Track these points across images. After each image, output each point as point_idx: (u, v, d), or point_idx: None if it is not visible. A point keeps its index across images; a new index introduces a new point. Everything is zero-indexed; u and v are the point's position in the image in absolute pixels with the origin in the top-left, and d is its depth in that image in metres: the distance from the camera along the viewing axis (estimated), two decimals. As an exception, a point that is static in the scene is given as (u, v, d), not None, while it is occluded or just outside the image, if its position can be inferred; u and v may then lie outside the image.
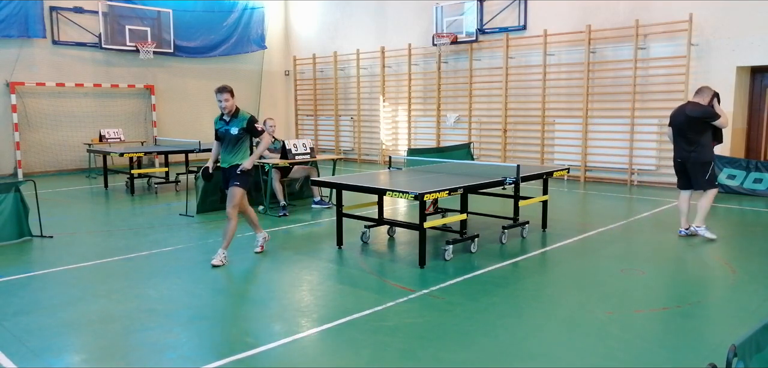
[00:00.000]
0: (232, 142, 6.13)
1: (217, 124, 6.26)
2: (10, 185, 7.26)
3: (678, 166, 7.48)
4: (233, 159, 6.16)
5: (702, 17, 11.09)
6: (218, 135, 6.22)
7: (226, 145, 6.16)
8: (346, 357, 3.97)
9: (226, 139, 6.14)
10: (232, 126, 6.09)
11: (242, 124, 6.10)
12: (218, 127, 6.23)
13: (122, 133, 14.36)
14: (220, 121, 6.21)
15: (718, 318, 4.70)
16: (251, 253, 6.76)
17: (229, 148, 6.16)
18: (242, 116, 6.13)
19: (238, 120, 6.11)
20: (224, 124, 6.14)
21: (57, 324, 4.53)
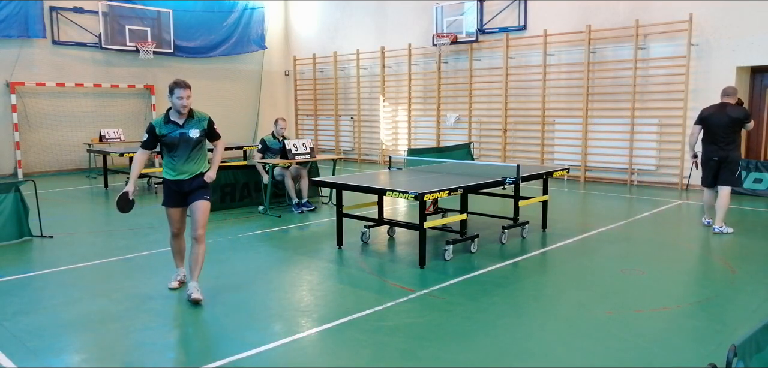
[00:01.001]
0: (190, 147, 5.06)
1: (163, 129, 5.00)
2: (10, 185, 7.26)
3: (714, 164, 7.71)
4: (195, 167, 5.12)
5: (702, 17, 11.09)
6: (166, 141, 5.01)
7: (182, 153, 5.05)
8: (346, 357, 3.97)
9: (180, 145, 5.03)
10: (189, 128, 5.03)
11: (203, 126, 5.10)
12: (167, 131, 4.99)
13: (122, 133, 14.36)
14: (169, 124, 5.00)
15: (718, 318, 4.70)
16: (251, 254, 6.75)
17: (186, 155, 5.06)
18: (200, 116, 5.12)
19: (196, 121, 5.08)
20: (176, 128, 4.99)
21: (57, 324, 4.53)
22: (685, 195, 10.84)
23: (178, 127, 5.01)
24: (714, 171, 7.70)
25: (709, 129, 7.66)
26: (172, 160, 5.06)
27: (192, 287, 5.00)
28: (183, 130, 5.02)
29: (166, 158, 5.10)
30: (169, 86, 4.95)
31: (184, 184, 5.10)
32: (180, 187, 5.09)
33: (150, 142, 5.04)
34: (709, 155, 7.70)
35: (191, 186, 5.11)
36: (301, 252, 6.85)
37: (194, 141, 5.07)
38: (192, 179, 5.11)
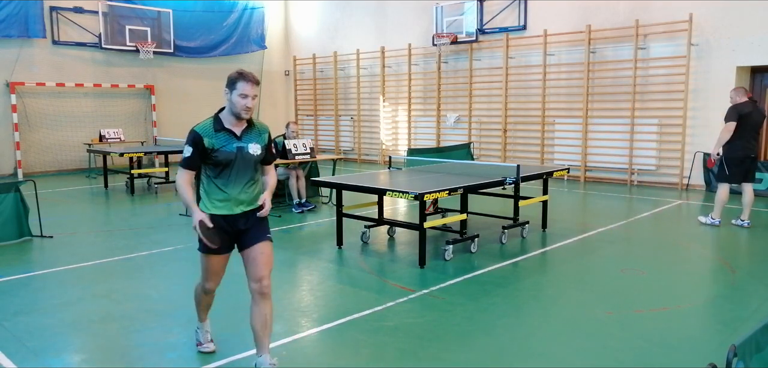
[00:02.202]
0: (250, 169, 3.65)
1: (214, 140, 3.51)
2: (10, 185, 7.26)
3: (749, 162, 7.81)
4: (254, 197, 3.72)
5: (702, 17, 11.09)
6: (218, 158, 3.52)
7: (238, 176, 3.60)
8: (346, 357, 3.97)
9: (237, 164, 3.57)
10: (249, 141, 3.60)
11: (264, 140, 3.70)
12: (219, 143, 3.52)
13: (122, 133, 14.36)
14: (222, 134, 3.53)
15: (718, 318, 4.70)
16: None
17: (245, 180, 3.64)
18: (261, 127, 3.72)
19: (256, 133, 3.65)
20: (233, 139, 3.54)
21: (57, 324, 4.53)
22: (685, 195, 10.84)
23: (235, 139, 3.55)
24: (746, 168, 7.78)
25: (747, 126, 7.64)
26: (223, 186, 3.57)
27: (266, 362, 3.64)
28: (241, 142, 3.56)
29: (209, 183, 3.59)
30: (230, 78, 3.48)
31: (239, 221, 3.65)
32: (233, 225, 3.62)
33: (195, 158, 3.51)
34: (747, 152, 7.73)
35: (247, 224, 3.69)
36: (301, 252, 6.85)
37: (254, 160, 3.65)
38: (249, 213, 3.69)
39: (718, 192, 7.86)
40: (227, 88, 3.52)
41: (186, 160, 3.55)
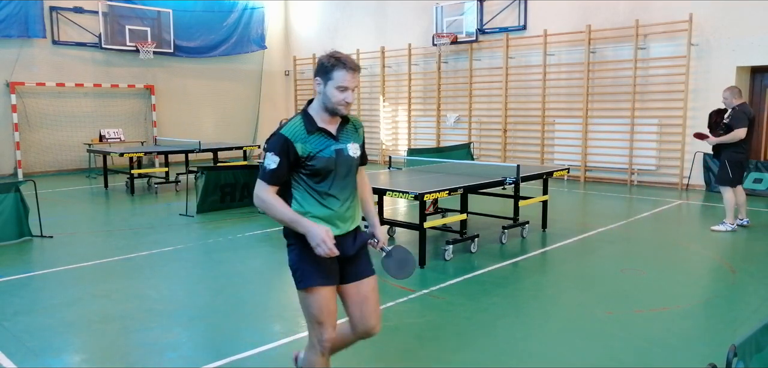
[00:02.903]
0: (351, 174, 2.96)
1: (308, 145, 2.76)
2: (10, 185, 7.26)
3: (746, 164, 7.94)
4: (355, 212, 3.00)
5: (702, 17, 11.08)
6: (316, 166, 2.77)
7: (341, 185, 2.88)
8: (346, 357, 3.97)
9: (339, 171, 2.85)
10: (347, 141, 2.90)
11: (361, 138, 3.06)
12: (315, 147, 2.77)
13: (122, 133, 14.37)
14: (317, 135, 2.79)
15: (718, 318, 4.70)
16: (251, 254, 6.75)
17: (347, 189, 2.93)
18: (356, 122, 3.02)
19: (352, 129, 2.96)
20: (330, 141, 2.81)
21: (57, 324, 4.53)
22: (685, 195, 10.84)
23: (332, 140, 2.82)
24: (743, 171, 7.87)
25: (751, 129, 7.65)
26: (323, 199, 2.82)
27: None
28: (340, 144, 2.85)
29: (304, 196, 2.82)
30: (323, 65, 2.72)
31: (347, 244, 2.89)
32: (341, 248, 2.79)
33: (284, 170, 2.74)
34: (747, 155, 7.78)
35: (354, 248, 2.93)
36: (301, 252, 6.84)
37: (356, 163, 2.98)
38: (355, 234, 2.95)
39: (726, 196, 7.72)
40: (319, 77, 2.73)
41: (270, 173, 2.69)
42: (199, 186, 9.13)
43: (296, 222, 2.71)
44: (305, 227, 2.69)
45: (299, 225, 2.70)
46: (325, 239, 2.64)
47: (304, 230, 2.69)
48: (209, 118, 17.66)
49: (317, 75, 2.76)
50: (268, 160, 2.74)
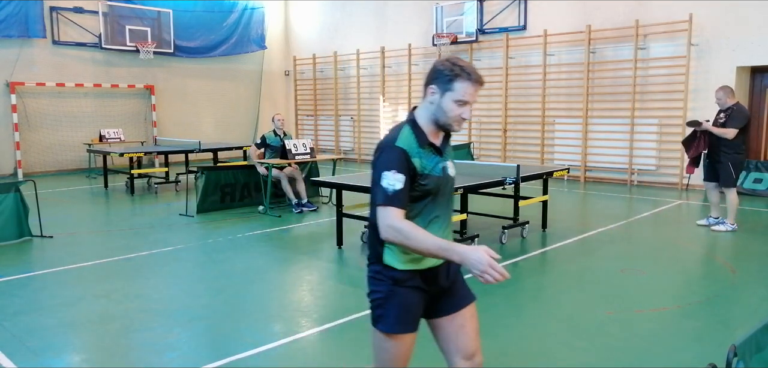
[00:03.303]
0: (452, 196, 2.62)
1: (424, 160, 2.39)
2: (10, 185, 7.26)
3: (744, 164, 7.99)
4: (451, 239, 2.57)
5: (702, 17, 11.08)
6: (427, 187, 2.42)
7: (444, 207, 2.53)
8: (346, 357, 3.97)
9: (443, 192, 2.50)
10: (447, 157, 2.55)
11: (452, 155, 2.65)
12: (430, 166, 2.42)
13: (122, 133, 14.36)
14: (429, 150, 2.41)
15: (718, 318, 4.70)
16: (251, 254, 6.75)
17: (449, 212, 2.59)
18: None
19: (450, 145, 2.60)
20: (437, 158, 2.45)
21: (57, 324, 4.53)
22: (685, 195, 10.84)
23: (439, 156, 2.47)
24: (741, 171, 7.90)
25: (747, 130, 7.61)
26: (429, 225, 2.44)
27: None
28: (444, 160, 2.50)
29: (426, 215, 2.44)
30: (441, 72, 2.33)
31: (441, 276, 2.58)
32: (434, 284, 2.57)
33: (408, 189, 2.34)
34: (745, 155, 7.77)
35: (449, 279, 2.63)
36: (301, 252, 6.85)
37: (454, 184, 2.62)
38: (450, 263, 2.57)
39: (730, 197, 7.63)
40: (436, 85, 2.34)
41: (397, 195, 2.28)
42: (199, 187, 9.13)
43: (449, 250, 2.26)
44: (461, 253, 2.24)
45: (453, 253, 2.25)
46: (492, 263, 2.23)
47: (461, 257, 2.25)
48: (209, 118, 17.66)
49: (433, 83, 2.34)
50: (388, 180, 2.28)
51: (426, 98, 2.40)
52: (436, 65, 2.37)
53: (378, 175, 2.34)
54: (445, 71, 2.32)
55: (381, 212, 2.30)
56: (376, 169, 2.37)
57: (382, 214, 2.30)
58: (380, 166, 2.33)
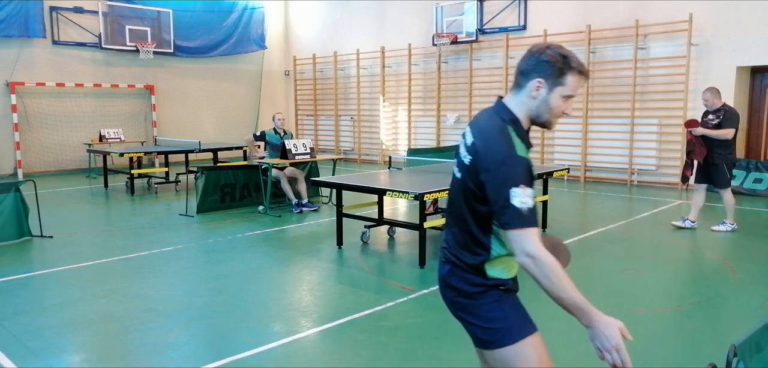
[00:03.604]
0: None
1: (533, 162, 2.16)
2: (10, 185, 7.26)
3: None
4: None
5: (702, 17, 11.08)
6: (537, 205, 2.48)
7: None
8: (346, 357, 3.97)
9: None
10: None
11: None
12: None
13: (122, 133, 14.37)
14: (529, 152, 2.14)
15: (718, 318, 4.70)
16: (251, 254, 6.75)
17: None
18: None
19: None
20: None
21: (57, 324, 4.53)
22: (685, 195, 10.84)
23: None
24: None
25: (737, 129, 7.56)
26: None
27: None
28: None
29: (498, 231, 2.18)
30: (552, 63, 2.06)
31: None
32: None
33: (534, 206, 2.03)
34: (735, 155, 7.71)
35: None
36: (301, 252, 6.85)
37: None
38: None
39: (726, 198, 7.62)
40: (543, 78, 2.07)
41: (530, 216, 2.00)
42: (199, 187, 9.13)
43: (584, 310, 2.07)
44: (596, 320, 2.08)
45: (586, 314, 2.09)
46: (620, 345, 2.09)
47: (593, 323, 2.09)
48: (209, 118, 17.66)
49: (541, 75, 2.07)
50: (520, 198, 1.95)
51: (525, 91, 2.10)
52: (543, 56, 2.07)
53: (507, 194, 1.96)
54: (555, 64, 2.06)
55: (518, 236, 1.99)
56: (501, 183, 1.98)
57: (519, 239, 1.99)
58: (508, 182, 1.97)
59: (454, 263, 2.23)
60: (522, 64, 2.13)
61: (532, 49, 2.12)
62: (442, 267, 2.30)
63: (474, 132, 2.19)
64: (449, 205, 2.33)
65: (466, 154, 2.17)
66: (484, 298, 2.19)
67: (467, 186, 2.14)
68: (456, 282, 2.22)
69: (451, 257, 2.24)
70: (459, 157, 2.24)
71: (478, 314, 2.20)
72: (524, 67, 2.12)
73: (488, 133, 2.11)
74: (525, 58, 2.12)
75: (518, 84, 2.14)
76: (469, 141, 2.19)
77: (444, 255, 2.29)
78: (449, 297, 2.27)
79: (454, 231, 2.24)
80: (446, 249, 2.28)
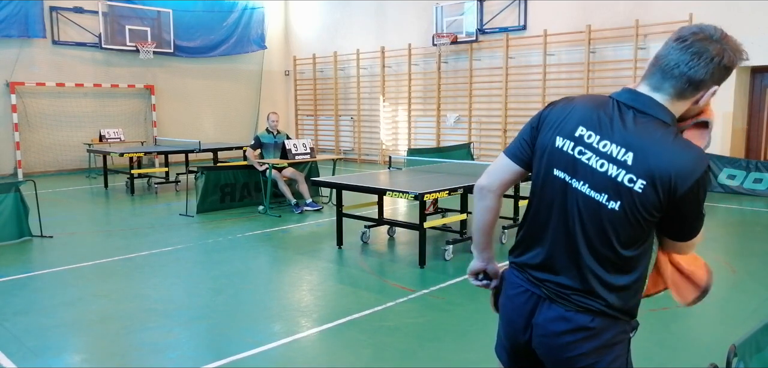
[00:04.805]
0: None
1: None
2: (10, 185, 7.26)
3: None
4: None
5: (702, 17, 11.08)
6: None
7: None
8: (346, 357, 3.97)
9: None
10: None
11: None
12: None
13: (122, 133, 14.37)
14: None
15: (718, 318, 4.70)
16: (251, 254, 6.75)
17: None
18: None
19: None
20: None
21: (57, 324, 4.53)
22: (685, 195, 10.83)
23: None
24: None
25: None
26: None
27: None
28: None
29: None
30: (724, 63, 1.69)
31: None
32: None
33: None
34: None
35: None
36: (301, 252, 6.85)
37: None
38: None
39: None
40: (717, 85, 1.74)
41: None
42: (199, 187, 9.13)
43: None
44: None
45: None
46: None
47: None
48: (209, 118, 17.66)
49: (718, 82, 1.73)
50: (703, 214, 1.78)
51: (701, 97, 1.74)
52: (731, 59, 1.69)
53: (701, 210, 1.74)
54: (732, 66, 1.71)
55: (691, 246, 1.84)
56: (698, 203, 1.71)
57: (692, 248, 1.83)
58: (703, 198, 1.72)
59: (615, 320, 1.81)
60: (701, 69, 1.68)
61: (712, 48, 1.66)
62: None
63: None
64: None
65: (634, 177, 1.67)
66: (624, 348, 1.87)
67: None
68: (615, 340, 1.83)
69: (614, 314, 1.80)
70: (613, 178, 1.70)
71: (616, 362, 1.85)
72: (710, 72, 1.69)
73: (689, 148, 1.70)
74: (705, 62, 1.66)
75: (688, 92, 1.74)
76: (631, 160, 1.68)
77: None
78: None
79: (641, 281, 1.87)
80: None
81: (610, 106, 1.80)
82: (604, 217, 1.70)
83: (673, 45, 1.73)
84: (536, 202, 1.86)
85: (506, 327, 2.02)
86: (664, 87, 1.76)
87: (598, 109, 1.79)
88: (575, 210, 1.74)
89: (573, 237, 1.76)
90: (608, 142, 1.70)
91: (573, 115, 1.79)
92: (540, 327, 1.84)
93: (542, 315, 1.83)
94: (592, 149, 1.72)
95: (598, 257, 1.74)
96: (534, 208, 1.88)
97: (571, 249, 1.77)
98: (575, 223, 1.75)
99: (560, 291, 1.80)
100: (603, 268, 1.74)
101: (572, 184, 1.74)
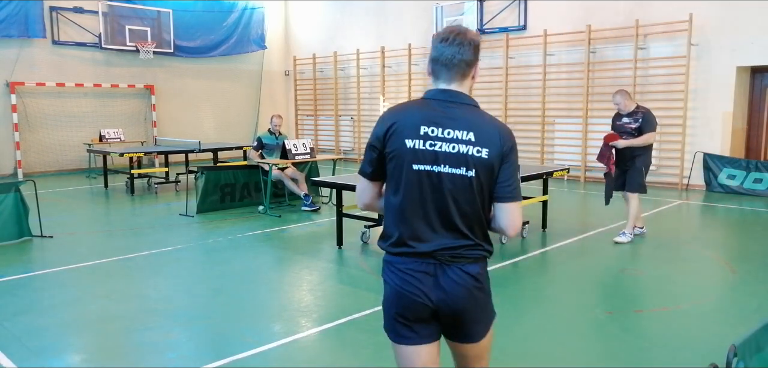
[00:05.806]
0: None
1: None
2: (10, 185, 7.26)
3: None
4: None
5: (702, 17, 11.08)
6: None
7: None
8: (346, 357, 3.97)
9: None
10: None
11: None
12: None
13: (122, 133, 14.37)
14: None
15: (718, 318, 4.70)
16: (251, 254, 6.75)
17: None
18: None
19: None
20: None
21: (57, 324, 4.53)
22: (685, 195, 10.84)
23: None
24: None
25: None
26: None
27: None
28: None
29: None
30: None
31: None
32: None
33: None
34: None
35: None
36: (301, 252, 6.85)
37: None
38: None
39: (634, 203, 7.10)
40: (477, 57, 2.21)
41: None
42: (199, 186, 9.13)
43: None
44: None
45: None
46: None
47: None
48: (209, 118, 17.66)
49: (478, 56, 2.21)
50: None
51: (475, 73, 2.25)
52: (476, 38, 2.20)
53: (517, 164, 2.28)
54: (479, 43, 2.23)
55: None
56: (517, 157, 2.25)
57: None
58: (517, 157, 2.29)
59: (480, 264, 2.27)
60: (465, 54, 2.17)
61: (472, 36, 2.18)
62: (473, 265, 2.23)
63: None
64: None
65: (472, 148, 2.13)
66: (487, 283, 2.35)
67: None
68: (481, 281, 2.29)
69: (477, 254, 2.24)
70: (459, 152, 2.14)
71: (489, 300, 2.40)
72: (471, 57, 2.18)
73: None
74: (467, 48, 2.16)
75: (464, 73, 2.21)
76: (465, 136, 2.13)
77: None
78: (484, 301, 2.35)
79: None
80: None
81: (433, 105, 2.15)
82: (467, 184, 2.11)
83: (442, 45, 2.14)
84: (401, 196, 2.16)
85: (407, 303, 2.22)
86: (454, 77, 2.16)
87: (427, 110, 2.14)
88: (446, 188, 2.11)
89: (446, 209, 2.13)
90: (451, 129, 2.10)
91: (410, 119, 2.13)
92: (445, 288, 2.17)
93: (445, 278, 2.16)
94: (440, 139, 2.10)
95: (464, 215, 2.14)
96: (399, 201, 2.16)
97: (444, 219, 2.14)
98: (447, 197, 2.12)
99: (453, 253, 2.16)
100: (469, 222, 2.16)
101: (434, 169, 2.11)
